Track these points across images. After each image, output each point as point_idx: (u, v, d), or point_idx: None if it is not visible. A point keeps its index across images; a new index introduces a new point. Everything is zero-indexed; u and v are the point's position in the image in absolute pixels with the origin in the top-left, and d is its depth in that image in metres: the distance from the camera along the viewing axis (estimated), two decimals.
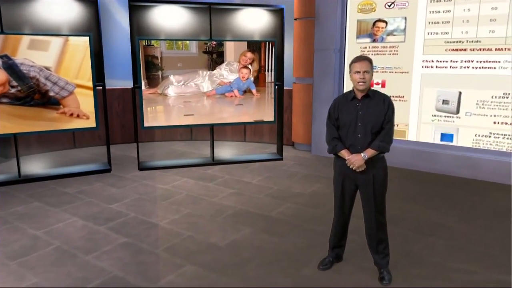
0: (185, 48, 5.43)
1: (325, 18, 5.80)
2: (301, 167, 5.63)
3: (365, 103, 2.63)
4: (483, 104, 4.93)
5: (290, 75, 6.41)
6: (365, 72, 2.55)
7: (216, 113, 5.66)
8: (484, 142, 4.98)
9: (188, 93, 5.54)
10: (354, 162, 2.62)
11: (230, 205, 4.22)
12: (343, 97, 2.75)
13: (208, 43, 5.43)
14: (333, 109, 2.72)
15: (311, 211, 4.05)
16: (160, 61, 5.33)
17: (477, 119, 4.99)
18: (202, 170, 5.46)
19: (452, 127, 5.18)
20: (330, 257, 3.01)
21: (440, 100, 5.19)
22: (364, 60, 2.57)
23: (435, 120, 5.28)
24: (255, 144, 6.98)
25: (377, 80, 5.62)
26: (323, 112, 6.05)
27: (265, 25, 5.64)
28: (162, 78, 5.40)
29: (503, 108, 4.82)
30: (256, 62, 5.64)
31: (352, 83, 2.63)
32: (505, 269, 2.95)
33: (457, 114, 5.13)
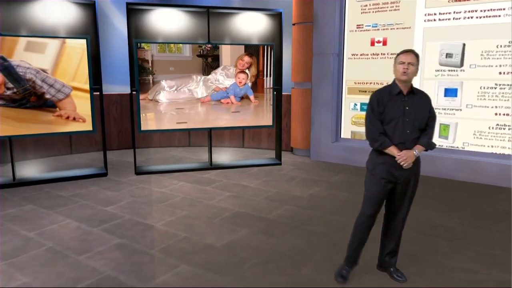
0: (178, 51, 5.33)
1: (323, 23, 5.81)
2: (299, 171, 5.57)
3: (410, 98, 2.54)
4: (488, 54, 4.82)
5: (288, 80, 6.40)
6: (410, 63, 2.46)
7: (211, 121, 5.54)
8: (489, 94, 4.85)
9: (181, 99, 5.40)
10: (407, 159, 2.46)
11: (227, 207, 4.14)
12: (386, 90, 2.59)
13: (203, 46, 5.38)
14: (377, 103, 2.54)
15: (309, 213, 3.98)
16: (151, 65, 5.22)
17: (482, 71, 4.88)
18: (199, 174, 5.39)
19: (456, 81, 5.06)
20: (348, 267, 2.76)
21: (444, 53, 5.08)
22: (410, 53, 2.50)
23: (438, 75, 5.16)
24: (253, 150, 6.93)
25: (378, 38, 5.56)
26: (322, 117, 6.05)
27: (264, 29, 5.64)
28: (153, 83, 5.27)
29: (509, 57, 4.72)
30: (254, 67, 5.60)
31: (395, 75, 2.55)
32: (506, 268, 2.88)
33: (461, 67, 5.01)
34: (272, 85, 5.69)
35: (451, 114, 5.13)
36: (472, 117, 5.01)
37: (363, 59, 5.70)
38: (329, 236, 3.43)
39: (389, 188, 2.57)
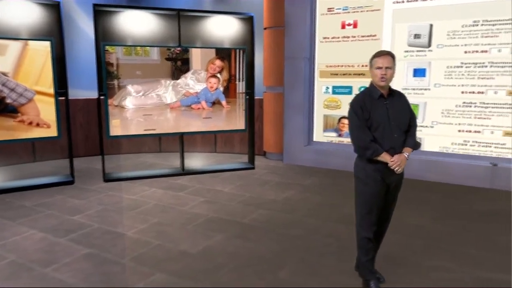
0: (145, 54, 5.15)
1: (294, 27, 5.86)
2: (273, 175, 5.55)
3: (391, 100, 2.48)
4: (454, 34, 4.96)
5: (260, 84, 6.39)
6: (387, 68, 2.40)
7: (181, 128, 5.41)
8: (456, 73, 4.99)
9: (149, 105, 5.22)
10: (401, 164, 2.41)
11: (201, 213, 4.06)
12: (366, 95, 2.49)
13: (172, 49, 5.25)
14: (361, 109, 2.43)
15: (285, 216, 3.95)
16: (116, 69, 5.01)
17: (449, 50, 5.01)
18: (171, 180, 5.27)
19: (425, 61, 5.18)
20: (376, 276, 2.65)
21: (412, 34, 5.18)
22: (386, 55, 2.43)
23: (407, 56, 5.26)
24: (226, 154, 6.86)
25: (349, 21, 5.61)
26: (294, 120, 6.07)
27: (235, 32, 5.62)
28: (118, 88, 5.06)
29: (474, 37, 4.88)
30: (226, 71, 5.55)
31: (372, 79, 2.48)
32: (481, 266, 2.95)
33: (428, 47, 5.13)
34: (244, 90, 5.65)
35: (420, 94, 5.24)
36: (440, 96, 5.14)
37: (334, 42, 5.74)
38: (305, 239, 3.42)
39: (384, 194, 2.52)
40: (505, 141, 4.84)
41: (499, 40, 4.74)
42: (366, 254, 2.58)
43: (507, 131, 4.81)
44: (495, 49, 4.78)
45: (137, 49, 5.09)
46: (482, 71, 4.87)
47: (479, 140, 4.98)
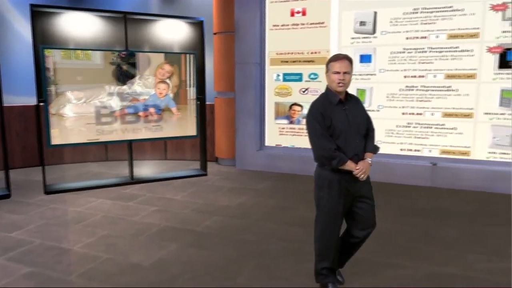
0: (87, 58, 4.84)
1: (244, 32, 5.88)
2: (226, 181, 5.50)
3: (349, 105, 2.43)
4: (396, 21, 5.20)
5: (211, 90, 6.32)
6: (345, 73, 2.34)
7: (128, 137, 5.20)
8: (399, 58, 5.24)
9: (92, 113, 4.95)
10: (366, 171, 2.36)
11: (153, 222, 3.91)
12: (325, 100, 2.42)
13: (116, 53, 4.99)
14: (321, 116, 2.35)
15: (239, 222, 3.92)
16: (54, 73, 4.67)
17: (392, 37, 5.25)
18: (120, 190, 5.04)
19: (370, 47, 5.40)
20: (337, 278, 2.66)
21: (358, 22, 5.38)
22: (343, 59, 2.35)
23: (354, 43, 5.45)
24: (177, 161, 6.70)
25: (298, 9, 5.69)
26: (246, 125, 6.07)
27: (185, 37, 5.52)
28: (56, 94, 4.73)
29: (414, 23, 5.14)
30: (176, 76, 5.42)
31: (329, 84, 2.42)
32: (431, 260, 3.10)
33: (373, 34, 5.35)
34: (195, 95, 5.56)
35: (367, 79, 5.45)
36: (385, 81, 5.37)
37: (284, 29, 5.81)
38: (261, 244, 3.40)
39: (348, 204, 2.46)
40: (444, 122, 5.15)
41: (437, 26, 5.05)
42: (323, 263, 2.56)
43: (446, 112, 5.13)
44: (433, 35, 5.08)
45: (77, 53, 4.80)
46: (422, 56, 5.15)
47: (421, 121, 5.26)
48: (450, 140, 5.15)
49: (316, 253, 2.60)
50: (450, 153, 5.16)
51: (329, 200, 2.44)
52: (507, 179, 4.82)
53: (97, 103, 4.95)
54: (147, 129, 5.29)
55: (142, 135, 5.28)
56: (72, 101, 4.81)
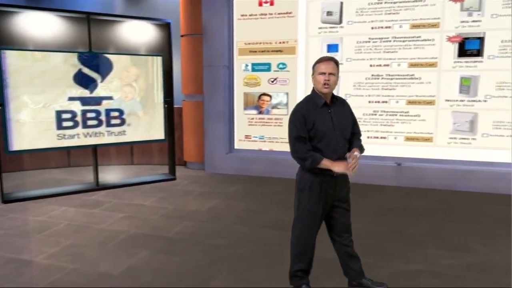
0: (45, 60, 4.59)
1: (212, 35, 5.84)
2: (195, 185, 5.43)
3: (334, 108, 2.40)
4: (362, 11, 5.33)
5: (178, 92, 6.23)
6: (331, 74, 2.31)
7: (91, 142, 5.00)
8: (365, 47, 5.39)
9: (51, 118, 4.71)
10: (355, 164, 2.27)
11: (121, 230, 3.79)
12: (309, 104, 2.39)
13: (78, 55, 4.78)
14: (304, 118, 2.32)
15: (210, 227, 3.88)
16: (10, 76, 4.42)
17: (358, 26, 5.37)
18: (84, 196, 4.85)
19: (337, 37, 5.49)
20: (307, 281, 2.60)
21: (324, 12, 5.46)
22: (329, 61, 2.33)
23: (321, 33, 5.53)
24: (144, 166, 6.55)
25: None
26: (215, 128, 6.03)
27: (152, 39, 5.41)
28: (13, 98, 4.46)
29: (378, 13, 5.29)
30: (142, 79, 5.29)
31: (315, 86, 2.38)
32: (398, 258, 3.19)
33: (340, 24, 5.45)
34: (163, 98, 5.46)
35: None
36: (352, 70, 5.48)
37: (252, 19, 5.80)
38: (233, 248, 3.38)
39: (329, 206, 2.46)
40: (408, 109, 5.34)
41: (400, 16, 5.22)
42: (298, 265, 2.54)
43: (410, 100, 5.31)
44: (397, 25, 5.25)
45: (34, 54, 4.57)
46: (386, 45, 5.31)
47: (386, 109, 5.42)
48: (414, 127, 5.32)
49: (292, 255, 2.59)
50: (414, 139, 5.35)
51: (309, 202, 2.43)
52: (468, 177, 5.06)
53: (57, 108, 4.74)
54: (110, 134, 5.12)
55: (105, 139, 5.11)
56: (29, 105, 4.58)
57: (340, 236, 2.57)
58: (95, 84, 4.94)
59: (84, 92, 4.88)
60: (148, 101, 5.37)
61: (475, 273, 2.92)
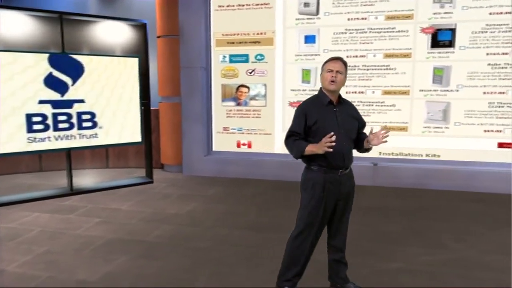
0: (14, 62, 4.38)
1: (189, 36, 5.79)
2: (174, 188, 5.36)
3: (340, 108, 2.42)
4: (338, 3, 5.40)
5: (155, 94, 6.15)
6: (338, 72, 2.34)
7: (63, 145, 4.84)
8: (341, 39, 5.47)
9: (20, 122, 4.50)
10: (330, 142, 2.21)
11: (98, 235, 3.69)
12: (315, 101, 2.41)
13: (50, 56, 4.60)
14: (304, 116, 2.35)
15: (191, 230, 3.84)
16: None
17: (334, 18, 5.44)
18: (58, 202, 4.70)
19: (314, 28, 5.54)
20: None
21: (302, 3, 5.51)
22: (338, 60, 2.39)
23: (298, 24, 5.56)
24: (120, 170, 6.41)
25: None
26: (193, 130, 5.97)
27: (127, 40, 5.31)
28: None
29: (354, 5, 5.39)
30: (119, 81, 5.18)
31: (322, 83, 2.41)
32: (375, 257, 3.24)
33: (317, 15, 5.51)
34: (139, 100, 5.36)
35: (311, 59, 5.59)
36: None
37: (230, 10, 5.78)
38: (214, 251, 3.35)
39: (333, 205, 2.45)
40: (384, 99, 5.45)
41: (375, 8, 5.33)
42: (293, 270, 2.50)
43: (385, 90, 5.43)
44: (372, 16, 5.37)
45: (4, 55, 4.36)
46: (363, 37, 5.41)
47: (363, 100, 5.51)
48: (390, 116, 5.44)
49: (287, 254, 2.53)
50: (390, 129, 5.42)
51: (311, 202, 2.41)
52: (441, 176, 5.22)
53: (28, 110, 4.57)
54: (82, 137, 4.97)
55: (77, 142, 4.96)
56: None
57: (333, 238, 2.58)
58: (66, 87, 4.80)
59: (55, 95, 4.73)
60: (124, 103, 5.26)
61: (452, 269, 3.01)
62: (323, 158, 2.33)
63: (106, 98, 5.09)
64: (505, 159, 5.11)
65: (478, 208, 4.47)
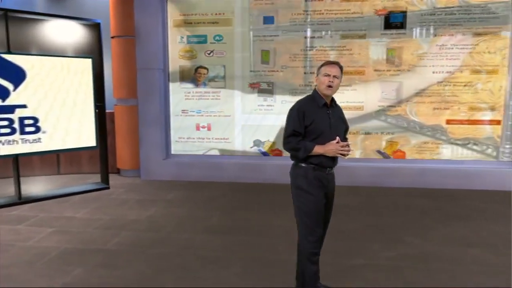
0: None
1: (146, 37, 5.64)
2: (132, 193, 5.18)
3: (332, 111, 2.48)
4: None
5: (110, 96, 5.91)
6: (335, 77, 2.39)
7: (3, 151, 4.52)
8: (299, 19, 5.52)
9: None
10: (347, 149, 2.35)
11: (52, 246, 3.48)
12: (310, 102, 2.46)
13: None
14: (302, 115, 2.39)
15: (152, 235, 3.72)
16: None
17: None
18: (5, 212, 4.38)
19: (272, 9, 5.56)
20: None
21: None
22: (335, 65, 2.43)
23: (257, 5, 5.60)
24: (72, 176, 6.10)
25: None
26: (151, 134, 5.82)
27: (80, 40, 5.07)
28: None
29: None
30: (70, 83, 4.93)
31: (318, 86, 2.45)
32: (339, 254, 3.31)
33: None
34: (93, 103, 5.13)
35: (270, 40, 5.63)
36: (288, 42, 5.59)
37: None
38: (178, 256, 3.28)
39: (324, 200, 2.49)
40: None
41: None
42: (313, 269, 2.50)
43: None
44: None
45: None
46: (320, 18, 5.52)
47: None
48: (347, 96, 5.59)
49: (303, 257, 2.51)
50: (347, 109, 5.57)
51: (308, 199, 2.43)
52: (394, 174, 5.46)
53: None
54: (24, 141, 4.64)
55: (19, 147, 4.63)
56: None
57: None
58: (7, 92, 4.48)
59: None
60: (77, 106, 5.02)
61: (412, 263, 3.15)
62: (315, 157, 2.40)
63: (51, 102, 4.80)
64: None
65: (428, 203, 4.72)
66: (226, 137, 5.87)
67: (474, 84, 5.34)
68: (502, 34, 5.20)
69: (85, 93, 5.07)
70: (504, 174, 5.27)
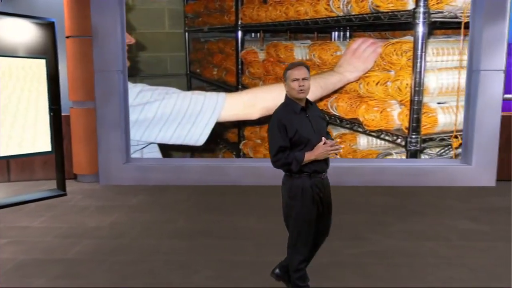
0: None
1: (104, 38, 5.45)
2: (91, 199, 5.00)
3: (310, 112, 2.42)
4: None
5: (65, 99, 5.65)
6: (304, 79, 2.31)
7: None
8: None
9: None
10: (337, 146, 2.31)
11: (7, 257, 3.29)
12: (286, 110, 2.38)
13: None
14: (284, 127, 2.32)
15: (115, 243, 3.63)
16: None
17: None
18: None
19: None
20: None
21: None
22: (301, 66, 2.34)
23: None
24: (25, 183, 5.77)
25: None
26: (110, 137, 5.64)
27: (32, 40, 4.80)
28: None
29: None
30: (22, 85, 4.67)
31: (289, 93, 2.37)
32: None
33: None
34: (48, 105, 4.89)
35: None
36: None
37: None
38: (144, 262, 3.22)
39: (319, 210, 2.44)
40: None
41: None
42: (304, 279, 2.51)
43: None
44: None
45: None
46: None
47: None
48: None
49: (294, 263, 2.51)
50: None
51: (303, 208, 2.39)
52: (352, 173, 5.65)
53: None
54: None
55: None
56: None
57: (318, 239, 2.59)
58: None
59: None
60: (31, 110, 4.76)
61: (376, 259, 3.28)
62: (308, 164, 2.35)
63: (3, 105, 4.52)
64: None
65: (386, 200, 4.94)
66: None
67: (385, 82, 5.74)
68: (406, 39, 5.63)
69: (39, 96, 4.82)
70: (455, 170, 5.63)
